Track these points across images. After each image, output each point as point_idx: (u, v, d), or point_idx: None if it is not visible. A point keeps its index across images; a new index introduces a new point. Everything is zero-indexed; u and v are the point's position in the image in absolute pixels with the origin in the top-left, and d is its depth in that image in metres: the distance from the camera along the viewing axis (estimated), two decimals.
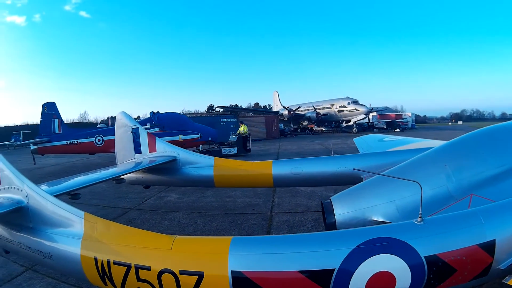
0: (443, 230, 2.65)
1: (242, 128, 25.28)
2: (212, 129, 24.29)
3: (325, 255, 2.56)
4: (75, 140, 20.50)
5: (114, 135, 19.16)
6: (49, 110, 20.78)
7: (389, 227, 2.91)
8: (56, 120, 20.76)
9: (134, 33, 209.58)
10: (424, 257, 2.48)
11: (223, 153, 22.51)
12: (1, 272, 5.78)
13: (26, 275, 5.62)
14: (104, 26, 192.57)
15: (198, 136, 21.83)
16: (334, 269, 2.46)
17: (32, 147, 20.29)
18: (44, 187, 4.89)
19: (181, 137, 20.66)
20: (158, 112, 22.78)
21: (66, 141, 20.36)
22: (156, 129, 20.71)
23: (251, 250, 2.72)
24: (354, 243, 2.55)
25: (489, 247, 2.56)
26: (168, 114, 24.40)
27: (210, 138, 22.71)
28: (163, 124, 21.22)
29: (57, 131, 20.63)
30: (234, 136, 24.69)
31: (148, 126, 20.24)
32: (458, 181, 3.88)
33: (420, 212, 2.73)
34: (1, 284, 5.38)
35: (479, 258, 2.56)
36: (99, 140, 20.54)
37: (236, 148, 23.34)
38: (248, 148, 24.43)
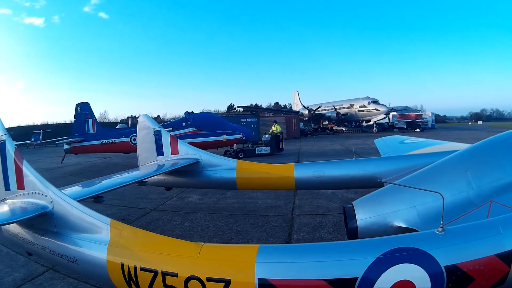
0: (463, 240, 2.66)
1: (276, 128, 25.67)
2: (246, 129, 24.93)
3: (349, 264, 2.58)
4: (110, 140, 20.97)
5: None
6: (83, 110, 21.16)
7: (411, 236, 2.91)
8: (90, 120, 21.17)
9: (153, 32, 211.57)
10: (444, 266, 2.50)
11: (256, 152, 22.94)
12: (22, 272, 5.90)
13: (47, 275, 5.72)
14: (123, 27, 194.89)
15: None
16: (357, 278, 2.48)
17: (66, 146, 20.69)
18: (68, 190, 4.96)
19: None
20: (192, 112, 23.09)
21: (101, 141, 20.74)
22: (192, 129, 21.15)
23: (277, 259, 2.74)
24: (377, 252, 2.57)
25: (506, 256, 2.56)
26: (203, 114, 25.09)
27: (244, 138, 23.06)
28: (199, 124, 21.48)
29: (91, 130, 21.00)
30: (267, 136, 24.96)
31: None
32: (478, 188, 3.83)
33: (441, 222, 2.73)
34: (23, 284, 5.48)
35: (497, 268, 2.56)
36: (134, 140, 20.42)
37: (269, 147, 23.55)
38: (281, 147, 24.63)
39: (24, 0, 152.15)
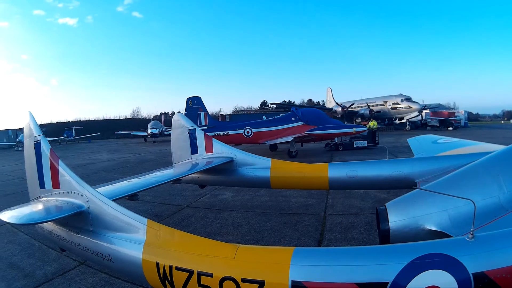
0: (492, 248, 2.63)
1: (373, 123, 27.42)
2: (346, 124, 26.36)
3: (381, 269, 2.59)
4: (224, 132, 22.64)
5: (263, 127, 21.71)
6: (194, 103, 22.92)
7: (442, 242, 2.88)
8: (202, 113, 22.89)
9: (186, 30, 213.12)
10: (472, 273, 2.48)
11: (354, 146, 23.65)
12: (54, 266, 6.09)
13: (78, 270, 5.89)
14: (157, 25, 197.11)
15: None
16: (388, 282, 2.49)
17: None
18: (103, 189, 5.10)
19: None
20: (298, 107, 25.37)
21: (214, 133, 21.67)
22: (301, 123, 22.25)
23: (311, 261, 2.77)
24: (408, 258, 2.57)
25: None
26: (310, 109, 27.06)
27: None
28: (307, 118, 22.70)
29: (203, 123, 22.52)
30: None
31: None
32: (510, 192, 3.76)
33: (472, 229, 2.71)
34: (54, 278, 5.65)
35: None
36: (248, 132, 22.55)
37: (366, 142, 24.10)
38: (376, 142, 25.46)
39: (58, 1, 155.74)
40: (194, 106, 23.23)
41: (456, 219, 3.76)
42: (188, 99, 23.51)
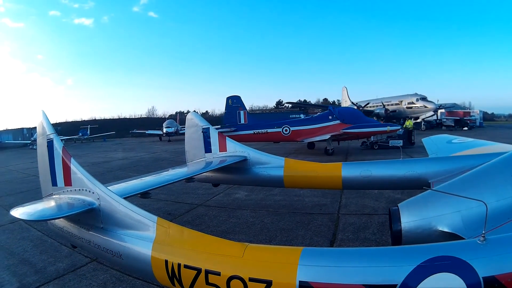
0: (504, 251, 2.59)
1: (408, 123, 27.66)
2: (380, 122, 26.67)
3: (390, 271, 2.57)
4: (263, 130, 23.64)
5: (301, 126, 22.56)
6: (234, 102, 24.12)
7: (452, 245, 2.84)
8: (242, 112, 24.04)
9: (201, 30, 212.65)
10: (482, 277, 2.44)
11: (390, 145, 23.57)
12: (66, 262, 6.18)
13: (90, 266, 5.96)
14: (173, 25, 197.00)
15: (400, 127, 24.90)
16: (396, 285, 2.47)
17: None
18: (115, 187, 5.14)
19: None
20: (335, 107, 26.66)
21: (253, 131, 23.55)
22: (337, 122, 22.76)
23: (319, 262, 2.77)
24: (418, 260, 2.55)
25: None
26: (346, 108, 28.35)
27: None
28: (343, 117, 23.20)
29: (242, 121, 23.78)
30: (400, 130, 25.81)
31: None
32: None
33: (483, 232, 2.67)
34: (65, 274, 5.73)
35: None
36: (286, 130, 23.31)
37: (401, 141, 23.66)
38: (412, 141, 25.51)
39: (73, 2, 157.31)
40: (234, 105, 24.32)
41: (469, 220, 3.72)
42: (228, 98, 24.67)
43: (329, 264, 2.71)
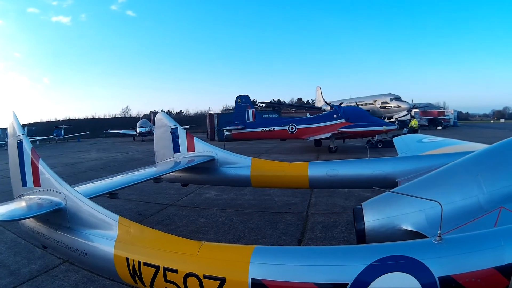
0: (461, 251, 2.59)
1: (414, 123, 28.89)
2: (385, 121, 27.28)
3: (341, 270, 2.59)
4: (270, 128, 24.75)
5: (306, 124, 23.21)
6: (243, 101, 25.11)
7: (406, 244, 2.84)
8: (250, 111, 24.98)
9: (177, 29, 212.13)
10: (438, 277, 2.44)
11: (393, 144, 23.68)
12: (39, 264, 6.16)
13: (62, 267, 5.96)
14: (149, 24, 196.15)
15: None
16: (347, 284, 2.49)
17: (226, 133, 24.68)
18: (82, 187, 5.13)
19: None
20: (340, 105, 27.11)
21: (261, 128, 24.70)
22: (342, 120, 23.44)
23: (272, 260, 2.80)
24: (370, 259, 2.56)
25: (506, 270, 2.46)
26: (351, 107, 29.40)
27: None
28: (348, 116, 23.60)
29: (251, 119, 24.69)
30: (405, 129, 26.94)
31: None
32: (489, 193, 3.71)
33: (439, 232, 2.68)
34: (39, 275, 5.72)
35: (495, 281, 2.47)
36: (292, 128, 24.17)
37: None
38: None
39: None
40: (243, 104, 25.21)
41: (433, 219, 3.72)
42: (237, 97, 25.52)
43: (281, 262, 2.74)
